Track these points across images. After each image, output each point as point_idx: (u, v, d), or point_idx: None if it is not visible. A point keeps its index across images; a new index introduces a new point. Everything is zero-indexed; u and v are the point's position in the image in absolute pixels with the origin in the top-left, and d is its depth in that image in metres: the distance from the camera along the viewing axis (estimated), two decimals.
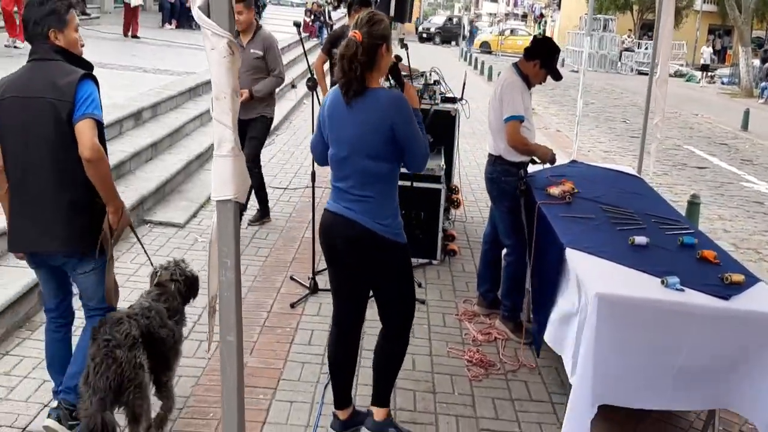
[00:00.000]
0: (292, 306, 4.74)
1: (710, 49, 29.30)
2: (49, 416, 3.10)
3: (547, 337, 3.62)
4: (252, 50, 5.71)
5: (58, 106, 2.80)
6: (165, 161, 7.04)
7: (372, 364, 3.38)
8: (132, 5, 14.94)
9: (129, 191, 5.96)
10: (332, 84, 5.77)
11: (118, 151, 6.31)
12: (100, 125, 2.87)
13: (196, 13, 1.81)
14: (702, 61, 28.69)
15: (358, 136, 2.95)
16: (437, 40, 44.63)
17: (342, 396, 3.37)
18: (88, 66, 2.98)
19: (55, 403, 3.16)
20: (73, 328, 3.37)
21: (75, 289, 3.25)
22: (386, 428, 3.31)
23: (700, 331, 3.04)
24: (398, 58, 5.30)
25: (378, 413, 3.33)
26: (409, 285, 3.24)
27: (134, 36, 15.13)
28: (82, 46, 3.10)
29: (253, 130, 5.85)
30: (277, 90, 6.13)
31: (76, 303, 3.32)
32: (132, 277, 4.94)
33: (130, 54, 12.10)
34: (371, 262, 3.09)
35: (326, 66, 6.50)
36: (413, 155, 3.02)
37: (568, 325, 3.35)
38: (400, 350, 3.32)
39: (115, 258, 3.41)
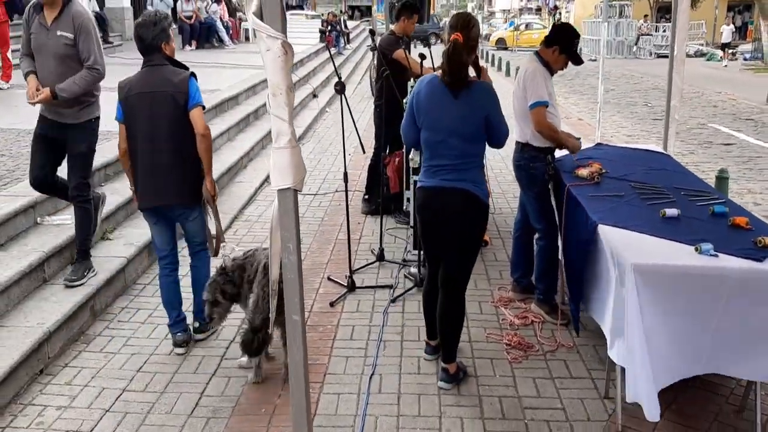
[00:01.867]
0: (332, 305, 4.86)
1: (731, 27, 28.86)
2: (175, 342, 4.17)
3: (591, 311, 3.69)
4: (59, 32, 4.35)
5: (176, 97, 3.80)
6: None
7: (438, 329, 3.86)
8: None
9: None
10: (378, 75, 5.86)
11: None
12: (204, 108, 3.90)
13: (251, 18, 1.96)
14: (722, 40, 28.26)
15: (458, 122, 3.48)
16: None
17: (432, 329, 4.02)
18: (186, 68, 3.96)
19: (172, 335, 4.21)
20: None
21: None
22: (458, 377, 3.84)
23: (736, 294, 3.09)
24: (423, 57, 5.43)
25: (451, 368, 3.81)
26: (480, 243, 3.83)
27: None
28: None
29: (76, 146, 4.57)
30: (94, 86, 4.75)
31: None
32: None
33: None
34: (467, 217, 3.59)
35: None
36: (499, 136, 3.58)
37: (607, 299, 3.41)
38: (461, 310, 3.84)
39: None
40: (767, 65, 25.05)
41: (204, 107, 3.93)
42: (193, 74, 3.92)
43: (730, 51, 29.81)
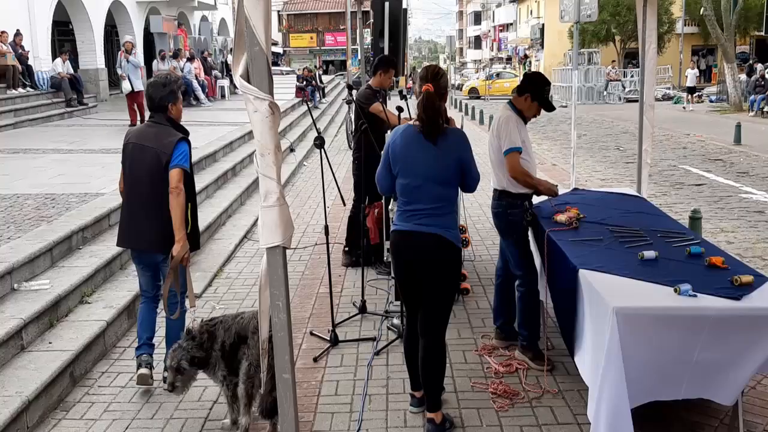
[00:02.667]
0: (315, 360, 4.81)
1: (695, 71, 29.58)
2: (138, 362, 4.30)
3: (575, 356, 3.71)
4: None
5: (160, 155, 4.03)
6: None
7: (421, 377, 3.84)
8: (135, 90, 14.13)
9: None
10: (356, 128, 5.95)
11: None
12: (186, 173, 4.06)
13: (239, 81, 2.01)
14: (687, 84, 28.98)
15: (434, 167, 3.61)
16: None
17: (416, 380, 3.99)
18: (184, 132, 4.20)
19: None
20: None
21: None
22: (444, 427, 3.81)
23: (715, 332, 3.13)
24: (400, 109, 5.54)
25: (436, 417, 3.79)
26: (456, 286, 3.91)
27: (142, 121, 14.29)
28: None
29: None
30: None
31: None
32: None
33: None
34: (439, 261, 3.66)
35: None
36: (471, 180, 3.74)
37: (588, 344, 3.43)
38: (442, 356, 3.82)
39: None
40: (733, 106, 25.76)
41: (187, 171, 4.06)
42: (184, 139, 4.12)
43: (696, 94, 30.66)
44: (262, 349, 2.19)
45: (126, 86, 14.17)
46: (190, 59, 20.03)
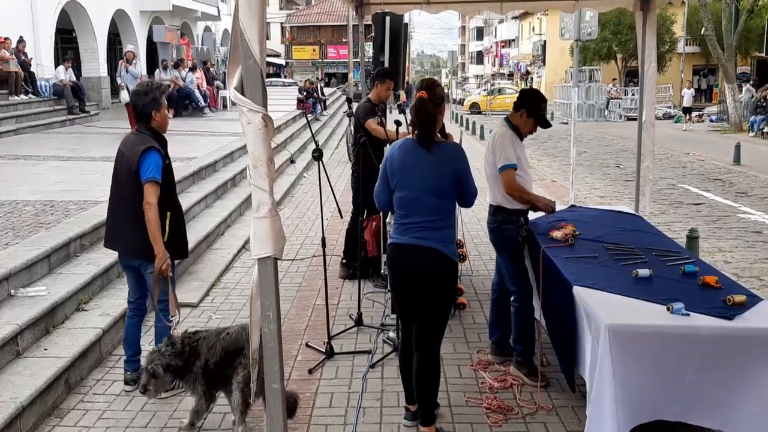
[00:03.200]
0: (310, 372, 4.81)
1: (691, 91, 29.64)
2: (125, 379, 4.49)
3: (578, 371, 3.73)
4: None
5: (131, 163, 4.09)
6: None
7: (415, 390, 3.85)
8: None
9: None
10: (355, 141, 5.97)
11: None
12: (158, 183, 4.05)
13: (233, 93, 2.04)
14: (684, 104, 29.03)
15: (431, 178, 3.64)
16: None
17: (410, 393, 3.99)
18: (162, 141, 4.26)
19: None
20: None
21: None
22: None
23: (708, 351, 3.14)
24: (398, 123, 5.58)
25: (430, 431, 3.81)
26: (452, 301, 3.99)
27: None
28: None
29: None
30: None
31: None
32: None
33: None
34: (435, 275, 3.68)
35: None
36: (468, 194, 3.76)
37: (586, 359, 3.44)
38: (436, 370, 3.82)
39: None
40: (733, 126, 25.85)
41: (157, 182, 4.06)
42: (152, 148, 4.11)
43: (697, 114, 30.79)
44: (252, 359, 2.20)
45: (124, 96, 14.28)
46: (192, 69, 20.13)
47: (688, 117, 28.20)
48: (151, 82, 4.41)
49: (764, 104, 24.22)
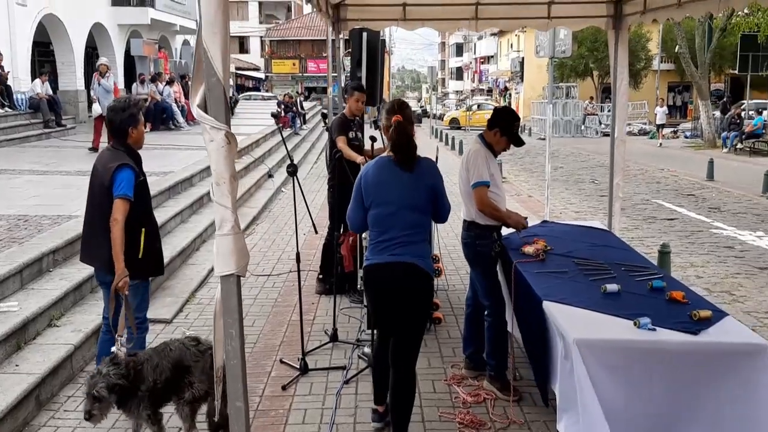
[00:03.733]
0: (284, 388, 4.80)
1: (664, 108, 29.93)
2: None
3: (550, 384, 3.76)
4: None
5: (104, 180, 4.08)
6: None
7: (390, 405, 3.91)
8: (104, 114, 13.92)
9: None
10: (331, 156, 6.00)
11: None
12: (129, 200, 4.01)
13: (196, 111, 2.05)
14: (657, 121, 29.40)
15: (409, 194, 3.72)
16: None
17: (382, 395, 4.10)
18: (137, 158, 4.23)
19: None
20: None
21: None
22: None
23: (676, 366, 3.19)
24: (373, 139, 5.61)
25: None
26: (428, 315, 4.15)
27: (94, 149, 13.28)
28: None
29: None
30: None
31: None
32: None
33: None
34: (412, 290, 3.75)
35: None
36: (443, 209, 3.88)
37: (556, 372, 3.48)
38: (413, 385, 3.92)
39: None
40: (707, 142, 26.28)
41: (128, 199, 4.02)
42: (125, 165, 4.08)
43: (672, 130, 31.23)
44: (216, 377, 2.20)
45: (96, 109, 13.91)
46: (170, 83, 20.07)
47: (660, 133, 28.52)
48: (128, 98, 4.37)
49: (737, 121, 24.65)
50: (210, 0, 2.05)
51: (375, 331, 4.28)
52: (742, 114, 25.50)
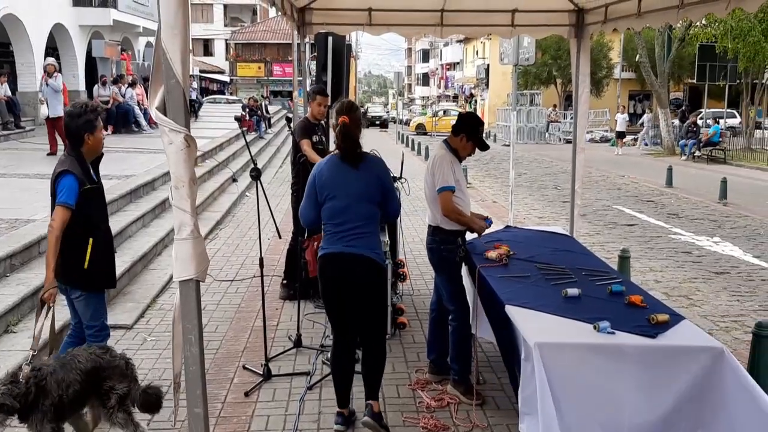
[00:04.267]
0: (247, 394, 4.75)
1: (625, 115, 30.20)
2: None
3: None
4: None
5: (52, 186, 4.00)
6: None
7: (363, 375, 4.20)
8: (52, 116, 13.24)
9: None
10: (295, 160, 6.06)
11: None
12: (68, 208, 3.90)
13: (154, 113, 2.02)
14: (617, 128, 29.74)
15: (360, 187, 3.93)
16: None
17: (345, 398, 4.23)
18: (83, 165, 4.08)
19: None
20: None
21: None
22: (381, 419, 4.14)
23: (635, 369, 3.24)
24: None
25: (375, 405, 4.14)
26: (386, 300, 4.39)
27: (52, 153, 13.01)
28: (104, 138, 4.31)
29: None
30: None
31: None
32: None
33: None
34: (368, 282, 3.99)
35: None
36: (390, 205, 4.07)
37: (519, 375, 3.52)
38: (383, 356, 4.24)
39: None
40: (666, 150, 26.83)
41: (67, 207, 3.92)
42: (67, 172, 3.97)
43: (632, 138, 31.76)
44: (174, 383, 2.17)
45: (44, 111, 13.45)
46: (132, 85, 19.79)
47: (622, 141, 28.91)
48: (86, 103, 4.23)
49: (694, 129, 25.23)
50: (170, 1, 2.02)
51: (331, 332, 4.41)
52: (699, 122, 26.11)
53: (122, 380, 3.72)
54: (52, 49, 21.76)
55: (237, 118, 5.29)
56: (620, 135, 28.77)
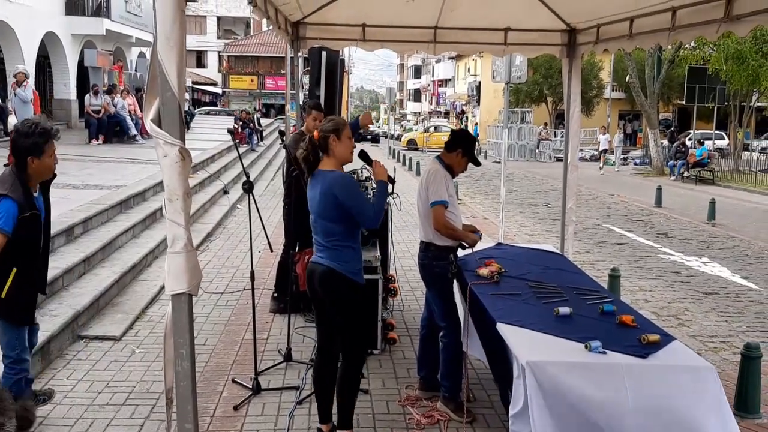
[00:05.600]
0: (236, 408, 4.72)
1: (606, 136, 29.56)
2: None
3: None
4: None
5: None
6: (99, 275, 6.99)
7: (336, 393, 4.13)
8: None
9: (62, 308, 5.89)
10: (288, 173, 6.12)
11: (50, 268, 6.26)
12: (5, 234, 3.66)
13: (149, 125, 2.00)
14: (600, 148, 29.27)
15: (318, 205, 3.96)
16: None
17: (325, 413, 4.20)
18: (25, 188, 3.82)
19: None
20: None
21: None
22: None
23: (627, 389, 3.25)
24: None
25: None
26: (359, 319, 4.10)
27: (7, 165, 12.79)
28: (56, 164, 4.04)
29: None
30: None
31: None
32: (69, 394, 4.84)
33: (58, 171, 12.04)
34: (331, 294, 4.00)
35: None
36: (361, 216, 3.91)
37: (513, 392, 3.52)
38: (353, 375, 4.11)
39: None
40: (655, 170, 27.03)
41: (4, 234, 3.69)
42: (4, 197, 3.71)
43: (622, 157, 31.95)
44: (167, 398, 2.14)
45: (12, 122, 12.78)
46: (124, 95, 19.75)
47: (603, 161, 28.41)
48: (36, 123, 3.88)
49: (682, 150, 25.44)
50: (166, 13, 2.01)
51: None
52: (687, 143, 26.32)
53: (11, 416, 3.50)
54: (43, 58, 21.74)
55: (230, 131, 5.26)
56: (603, 153, 28.87)
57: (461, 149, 4.71)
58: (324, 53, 7.94)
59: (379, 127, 54.24)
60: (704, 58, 25.63)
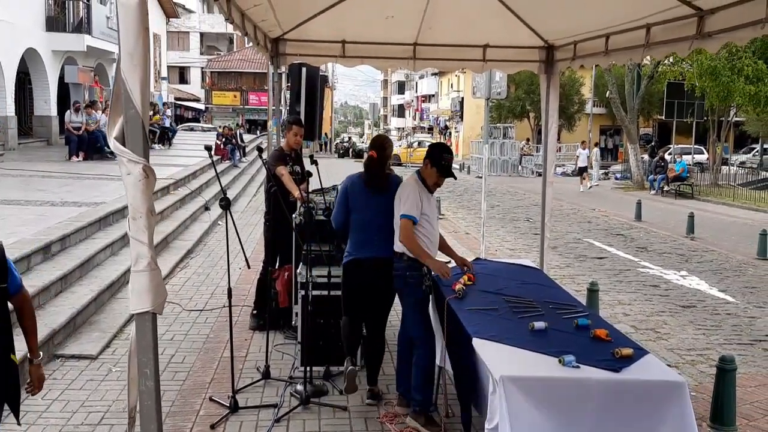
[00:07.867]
0: (212, 427, 4.68)
1: (586, 151, 27.22)
2: None
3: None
4: None
5: None
6: (76, 293, 6.92)
7: (367, 361, 5.27)
8: None
9: (38, 326, 5.78)
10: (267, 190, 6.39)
11: (27, 286, 6.18)
12: None
13: (113, 143, 2.00)
14: (579, 164, 27.34)
15: (382, 206, 4.83)
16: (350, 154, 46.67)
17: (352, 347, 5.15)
18: None
19: None
20: None
21: None
22: (380, 395, 5.22)
23: (600, 402, 3.27)
24: (309, 174, 5.62)
25: (375, 389, 5.20)
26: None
27: None
28: None
29: None
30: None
31: None
32: (44, 415, 4.77)
33: (37, 189, 11.98)
34: (389, 278, 4.77)
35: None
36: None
37: (488, 407, 3.52)
38: (384, 346, 5.33)
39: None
40: (636, 184, 27.29)
41: None
42: None
43: (603, 172, 32.15)
44: (129, 417, 2.12)
45: None
46: (105, 111, 19.66)
47: (582, 177, 26.36)
48: None
49: (662, 164, 25.72)
50: (129, 30, 2.02)
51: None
52: (667, 158, 26.59)
53: None
54: (24, 74, 21.61)
55: (207, 147, 5.21)
56: (582, 170, 26.67)
57: (428, 159, 4.71)
58: (304, 69, 7.98)
59: (363, 142, 54.35)
60: (682, 74, 25.96)
